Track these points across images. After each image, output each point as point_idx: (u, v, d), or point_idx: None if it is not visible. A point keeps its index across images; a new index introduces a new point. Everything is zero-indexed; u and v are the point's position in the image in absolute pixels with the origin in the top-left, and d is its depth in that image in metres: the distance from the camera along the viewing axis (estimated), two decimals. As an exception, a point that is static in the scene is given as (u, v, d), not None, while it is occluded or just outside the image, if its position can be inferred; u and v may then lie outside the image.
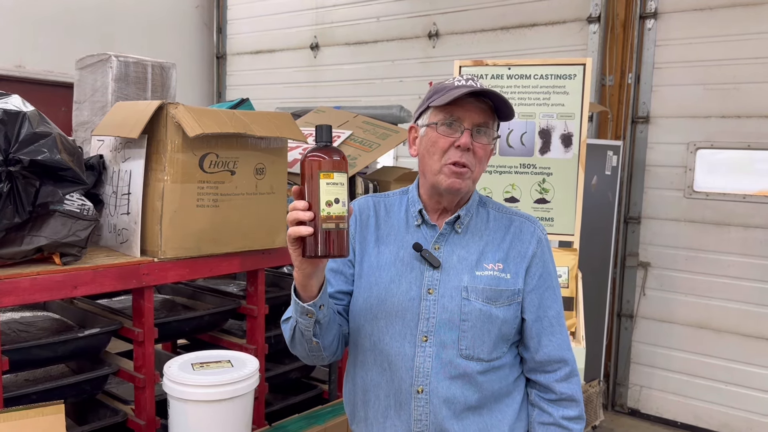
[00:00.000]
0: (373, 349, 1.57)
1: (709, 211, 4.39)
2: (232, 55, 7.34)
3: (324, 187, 1.31)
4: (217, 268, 2.52)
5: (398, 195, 1.69)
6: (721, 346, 4.40)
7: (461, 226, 1.57)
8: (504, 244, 1.57)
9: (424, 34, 5.74)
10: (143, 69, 2.94)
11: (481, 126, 1.51)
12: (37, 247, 2.04)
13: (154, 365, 2.38)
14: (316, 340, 1.50)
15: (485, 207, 1.63)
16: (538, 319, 1.57)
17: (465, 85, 1.51)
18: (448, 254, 1.55)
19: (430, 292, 1.52)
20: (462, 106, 1.50)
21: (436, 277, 1.53)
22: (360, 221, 1.64)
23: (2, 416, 1.68)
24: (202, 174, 2.37)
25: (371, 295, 1.56)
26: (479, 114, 1.50)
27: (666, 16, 4.50)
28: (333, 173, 1.32)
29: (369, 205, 1.67)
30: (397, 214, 1.64)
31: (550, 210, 2.87)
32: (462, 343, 1.50)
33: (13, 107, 1.98)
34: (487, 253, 1.55)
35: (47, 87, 5.91)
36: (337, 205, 1.32)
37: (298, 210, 1.31)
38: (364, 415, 1.62)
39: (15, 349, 2.12)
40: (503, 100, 1.51)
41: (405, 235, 1.59)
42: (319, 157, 1.33)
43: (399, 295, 1.54)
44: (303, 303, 1.44)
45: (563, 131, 2.84)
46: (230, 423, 2.07)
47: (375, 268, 1.58)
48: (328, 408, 2.93)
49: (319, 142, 1.36)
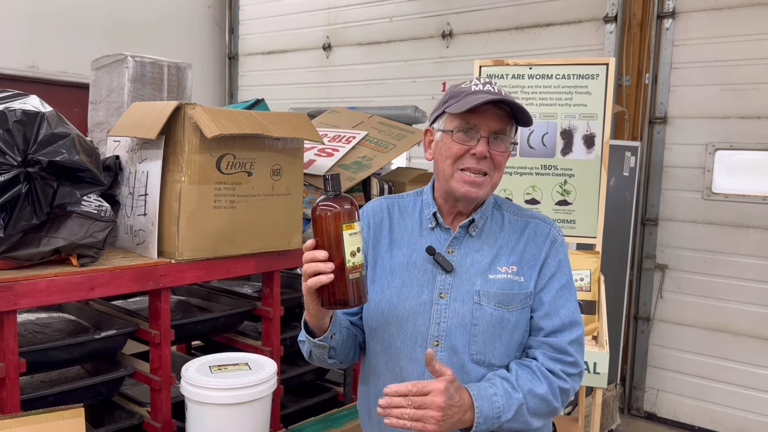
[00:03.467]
0: (385, 354, 1.57)
1: (728, 213, 4.34)
2: (244, 55, 7.33)
3: (347, 238, 1.33)
4: (233, 269, 2.50)
5: (413, 196, 1.67)
6: (740, 349, 4.35)
7: (476, 229, 1.55)
8: (518, 247, 1.55)
9: (438, 34, 5.71)
10: (159, 69, 2.92)
11: (498, 133, 1.49)
12: (55, 248, 2.02)
13: (170, 367, 2.36)
14: (333, 360, 1.56)
15: (500, 210, 1.61)
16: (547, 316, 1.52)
17: (482, 90, 1.48)
18: (462, 258, 1.54)
19: (441, 297, 1.51)
20: (479, 113, 1.47)
21: (449, 282, 1.52)
22: (373, 225, 1.64)
23: (22, 419, 1.67)
24: (220, 175, 2.35)
25: (383, 299, 1.56)
26: (496, 121, 1.48)
27: (684, 16, 4.45)
28: (353, 224, 1.35)
29: (382, 208, 1.66)
30: (411, 217, 1.63)
31: (571, 212, 2.83)
32: (473, 348, 1.49)
33: (31, 108, 1.96)
34: (501, 256, 1.53)
35: (61, 87, 5.92)
36: (359, 254, 1.35)
37: (319, 261, 1.32)
38: (378, 419, 1.59)
39: (31, 350, 2.10)
40: (520, 107, 1.48)
41: (419, 239, 1.58)
42: (338, 208, 1.34)
43: (410, 299, 1.53)
44: (315, 339, 1.49)
45: (585, 132, 2.80)
46: (248, 426, 2.05)
47: (388, 272, 1.58)
48: (344, 411, 2.91)
49: (329, 192, 1.37)
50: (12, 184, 1.87)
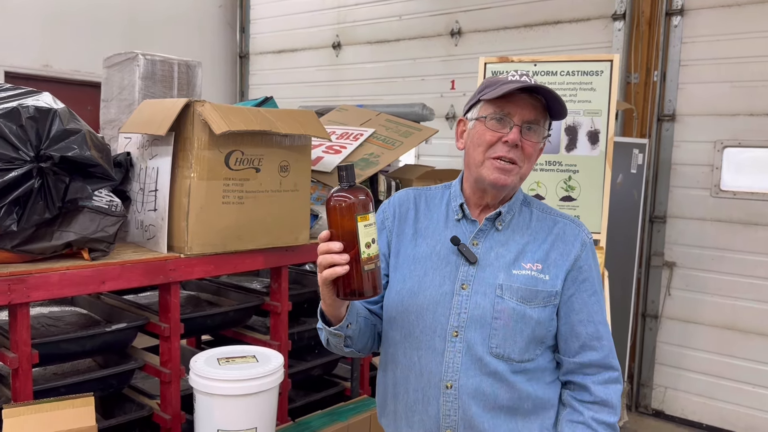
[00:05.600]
0: (404, 342, 1.56)
1: (737, 211, 4.33)
2: (254, 54, 7.38)
3: (362, 230, 1.32)
4: (241, 264, 2.53)
5: (441, 189, 1.68)
6: (748, 347, 4.33)
7: (502, 223, 1.55)
8: (545, 245, 1.53)
9: (447, 32, 5.72)
10: (170, 67, 2.97)
11: (532, 123, 1.48)
12: (67, 242, 2.07)
13: (179, 360, 2.40)
14: (349, 349, 1.56)
15: (529, 206, 1.60)
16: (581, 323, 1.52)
17: (518, 80, 1.48)
18: (486, 251, 1.53)
19: (463, 288, 1.50)
20: (513, 101, 1.47)
21: (471, 273, 1.51)
22: (399, 214, 1.64)
23: (34, 407, 1.71)
24: (228, 171, 2.38)
25: (404, 288, 1.56)
26: (530, 110, 1.47)
27: (693, 13, 4.44)
28: (368, 215, 1.34)
29: (409, 198, 1.67)
30: (437, 208, 1.63)
31: (576, 208, 2.84)
32: (492, 341, 1.47)
33: (44, 104, 2.00)
34: (526, 252, 1.52)
35: (74, 86, 6.00)
36: (374, 245, 1.34)
37: (334, 252, 1.32)
38: (394, 409, 1.61)
39: (44, 343, 2.15)
40: (556, 97, 1.48)
41: (444, 230, 1.58)
42: (353, 199, 1.33)
43: (432, 288, 1.52)
44: (330, 328, 1.49)
45: (590, 128, 2.81)
46: (255, 418, 2.08)
47: (411, 260, 1.57)
48: (351, 405, 2.94)
49: (344, 183, 1.36)
50: (25, 179, 1.92)
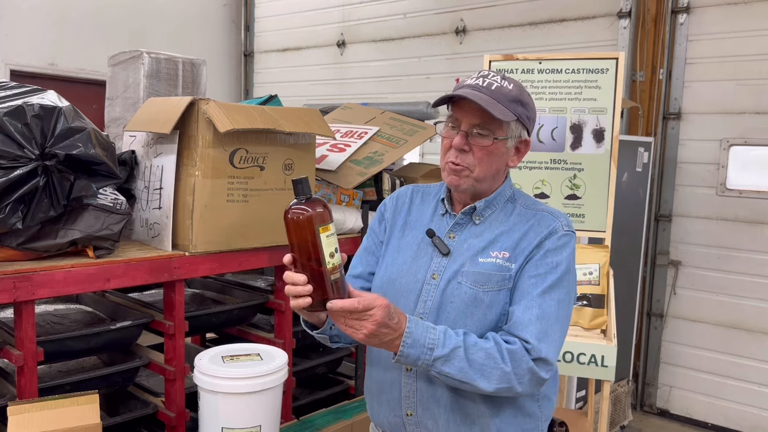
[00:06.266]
0: None
1: (743, 209, 4.31)
2: (259, 52, 7.39)
3: (325, 240, 1.33)
4: (246, 262, 2.53)
5: (438, 186, 1.73)
6: (754, 346, 4.32)
7: (480, 217, 1.59)
8: (517, 235, 1.55)
9: (451, 30, 5.71)
10: (174, 66, 2.97)
11: (478, 126, 1.50)
12: (72, 240, 2.07)
13: (184, 358, 2.40)
14: (337, 344, 1.62)
15: (514, 203, 1.62)
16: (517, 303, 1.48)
17: (468, 84, 1.52)
18: (461, 243, 1.58)
19: (434, 278, 1.56)
20: (460, 106, 1.52)
21: (444, 264, 1.57)
22: (395, 208, 1.72)
23: (39, 405, 1.72)
24: (233, 169, 2.39)
25: (385, 275, 1.63)
26: (475, 115, 1.50)
27: (698, 11, 4.42)
28: (329, 225, 1.34)
29: (408, 192, 1.75)
30: (429, 203, 1.70)
31: (581, 206, 2.83)
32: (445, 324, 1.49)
33: (49, 102, 2.01)
34: (497, 242, 1.56)
35: (79, 84, 6.01)
36: (337, 255, 1.35)
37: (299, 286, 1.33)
38: (369, 385, 1.71)
39: (49, 340, 2.15)
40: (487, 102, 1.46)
41: (429, 223, 1.65)
42: (311, 211, 1.32)
43: (408, 276, 1.59)
44: (314, 332, 1.57)
45: (595, 126, 2.80)
46: (259, 415, 2.08)
47: (395, 250, 1.65)
48: (355, 403, 2.94)
49: (300, 197, 1.35)
50: (30, 176, 1.92)
